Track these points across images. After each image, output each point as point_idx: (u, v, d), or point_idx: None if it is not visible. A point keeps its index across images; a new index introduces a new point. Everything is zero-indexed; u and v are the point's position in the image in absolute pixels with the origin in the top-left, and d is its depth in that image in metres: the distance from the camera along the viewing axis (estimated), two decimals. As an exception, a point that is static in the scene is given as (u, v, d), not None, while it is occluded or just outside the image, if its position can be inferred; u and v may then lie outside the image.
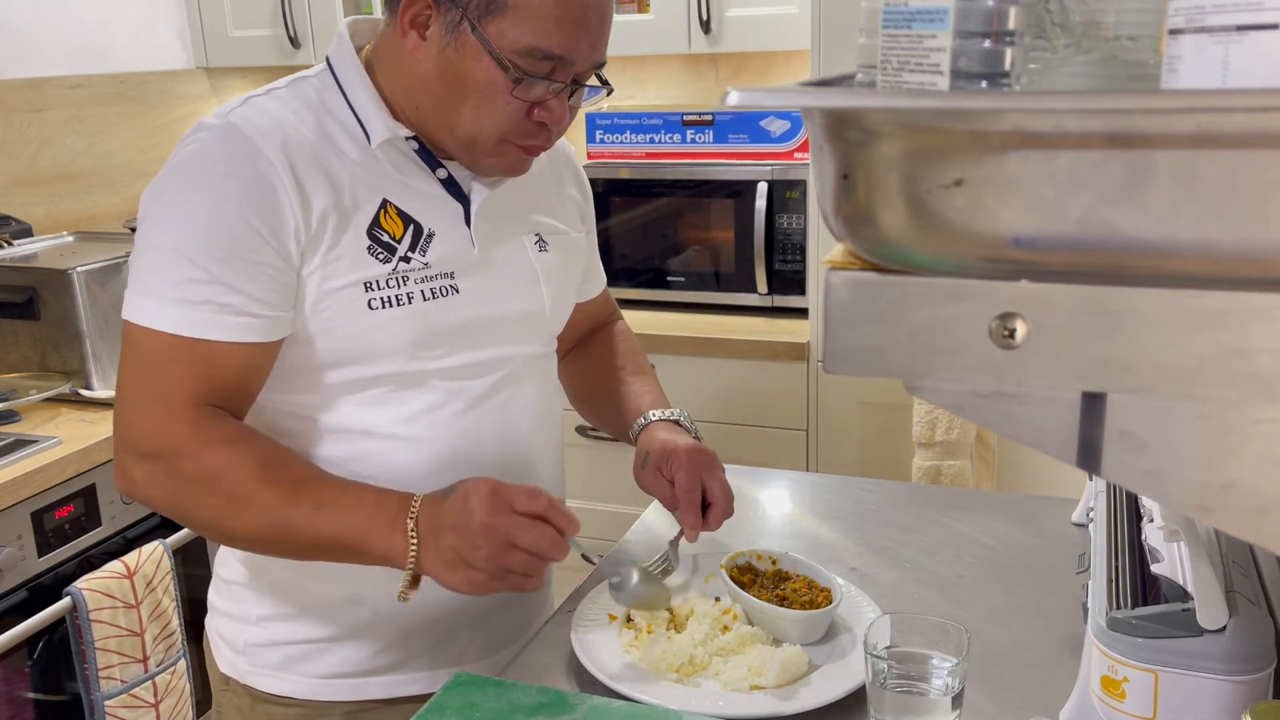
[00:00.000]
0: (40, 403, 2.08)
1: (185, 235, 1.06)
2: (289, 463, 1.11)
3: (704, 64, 2.92)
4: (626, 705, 1.06)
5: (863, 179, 0.55)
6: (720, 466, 1.28)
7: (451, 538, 1.03)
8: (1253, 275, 0.48)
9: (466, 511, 1.03)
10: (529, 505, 1.04)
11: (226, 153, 1.08)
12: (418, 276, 1.14)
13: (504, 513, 1.03)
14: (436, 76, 1.10)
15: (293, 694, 1.23)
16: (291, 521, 1.07)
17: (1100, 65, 0.56)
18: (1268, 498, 0.51)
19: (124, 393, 1.11)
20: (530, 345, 1.27)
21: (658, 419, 1.34)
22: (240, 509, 1.08)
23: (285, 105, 1.13)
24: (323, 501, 1.07)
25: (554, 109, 1.11)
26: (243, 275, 1.07)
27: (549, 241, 1.28)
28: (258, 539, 1.11)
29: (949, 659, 0.99)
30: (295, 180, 1.08)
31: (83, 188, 2.69)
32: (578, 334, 1.49)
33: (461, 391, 1.19)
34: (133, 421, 1.10)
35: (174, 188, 1.09)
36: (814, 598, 1.20)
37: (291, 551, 1.12)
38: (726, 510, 1.26)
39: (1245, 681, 0.83)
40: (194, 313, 1.06)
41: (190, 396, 1.08)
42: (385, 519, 1.06)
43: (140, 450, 1.10)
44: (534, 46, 1.06)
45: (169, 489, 1.11)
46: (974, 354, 0.54)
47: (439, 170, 1.18)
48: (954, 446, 2.22)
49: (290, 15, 2.87)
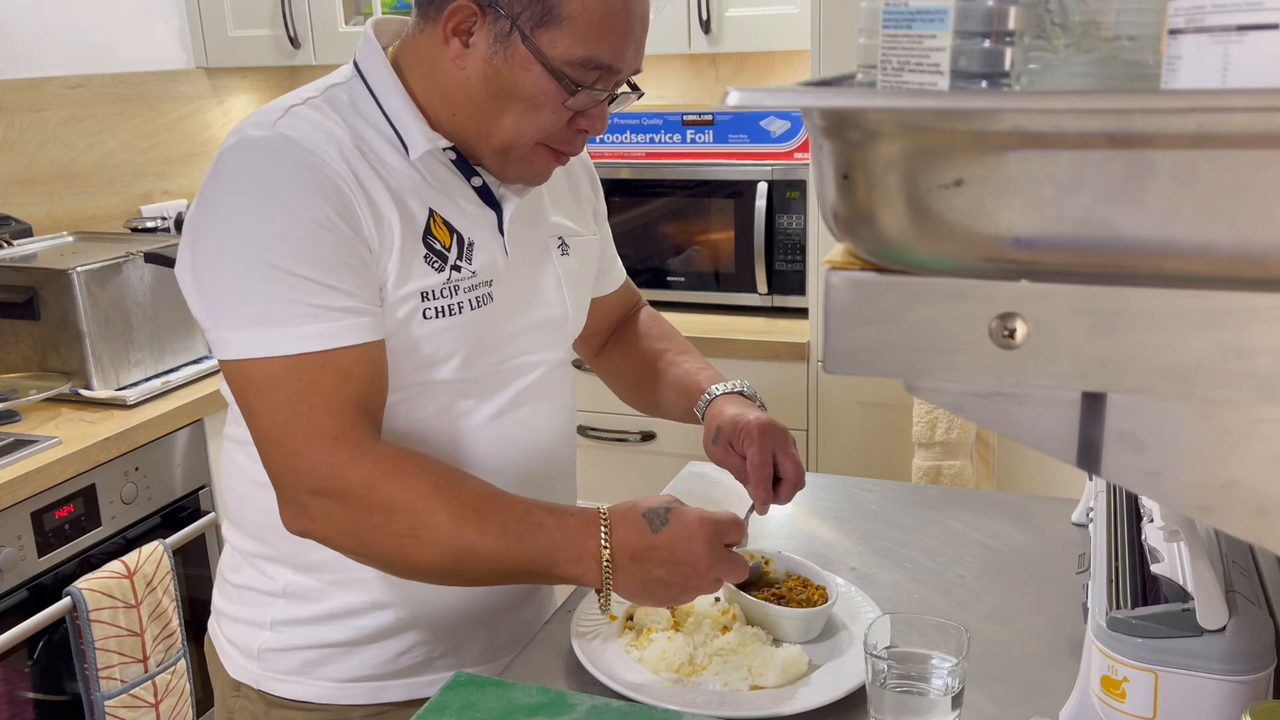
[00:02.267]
0: (40, 403, 2.08)
1: (276, 252, 1.02)
2: (462, 483, 1.08)
3: (704, 64, 2.92)
4: (626, 705, 1.06)
5: (863, 179, 0.55)
6: (792, 441, 1.28)
7: (664, 571, 1.07)
8: (1253, 275, 0.48)
9: (691, 555, 1.06)
10: (737, 537, 1.10)
11: (289, 163, 1.04)
12: (466, 285, 1.14)
13: (723, 553, 1.08)
14: (481, 85, 1.08)
15: (310, 698, 1.21)
16: (475, 548, 1.05)
17: (1100, 65, 0.56)
18: (1268, 498, 0.51)
19: (271, 436, 1.06)
20: (555, 351, 1.27)
21: (723, 392, 1.34)
22: (423, 538, 1.05)
23: (326, 115, 1.09)
24: (506, 526, 1.05)
25: (596, 117, 1.12)
26: (348, 277, 1.04)
27: (569, 245, 1.28)
28: (440, 568, 1.08)
29: (949, 659, 0.99)
30: (360, 187, 1.06)
31: (83, 188, 2.69)
32: (609, 326, 1.49)
33: (491, 398, 1.19)
34: (295, 463, 1.05)
35: (241, 207, 1.03)
36: (810, 596, 1.20)
37: (471, 579, 1.10)
38: (798, 483, 1.26)
39: (1245, 681, 0.83)
40: (317, 325, 1.03)
41: (344, 420, 1.04)
42: (574, 545, 1.06)
43: (312, 489, 1.05)
44: (587, 57, 1.05)
45: (350, 523, 1.06)
46: (974, 354, 0.54)
47: (474, 179, 1.16)
48: (954, 446, 2.22)
49: (290, 15, 2.87)
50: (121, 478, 2.01)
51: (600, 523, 1.07)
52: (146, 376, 2.20)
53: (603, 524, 1.06)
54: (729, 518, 1.10)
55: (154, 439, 2.06)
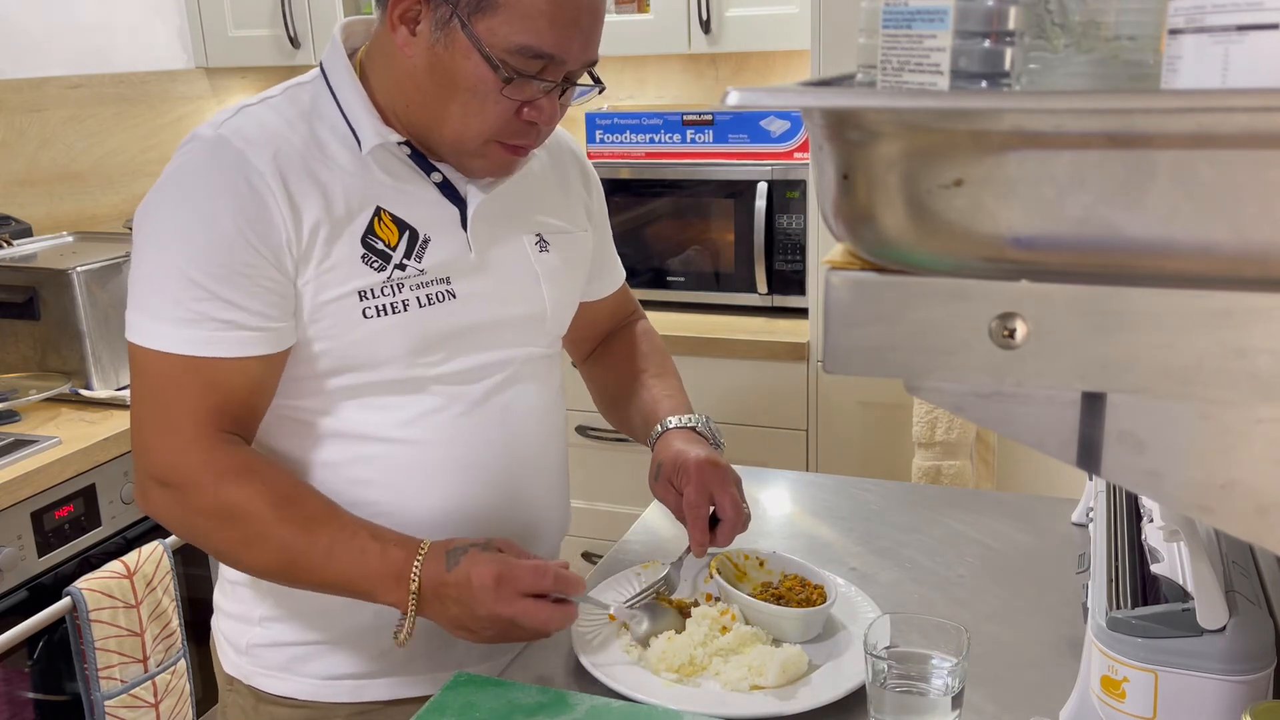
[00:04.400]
0: (40, 403, 2.08)
1: (181, 253, 1.06)
2: (302, 499, 1.11)
3: (704, 64, 2.92)
4: (626, 705, 1.06)
5: (863, 179, 0.55)
6: (733, 481, 1.25)
7: (456, 610, 1.07)
8: (1253, 275, 0.48)
9: (472, 599, 1.05)
10: (536, 586, 1.06)
11: (218, 167, 1.07)
12: (413, 283, 1.14)
13: (510, 600, 1.05)
14: (426, 73, 1.09)
15: (295, 695, 1.23)
16: (301, 564, 1.09)
17: (1100, 65, 0.55)
18: (1268, 498, 0.51)
19: (136, 418, 1.12)
20: (531, 347, 1.26)
21: (674, 426, 1.32)
22: (254, 545, 1.10)
23: (279, 114, 1.12)
24: (333, 547, 1.08)
25: (544, 108, 1.11)
26: (241, 290, 1.07)
27: (551, 241, 1.27)
28: (269, 573, 1.14)
29: (949, 659, 0.99)
30: (286, 192, 1.08)
31: (83, 188, 2.69)
32: (600, 333, 1.48)
33: (462, 395, 1.19)
34: (148, 448, 1.11)
35: (166, 204, 1.09)
36: (808, 595, 1.20)
37: (300, 587, 1.13)
38: (737, 526, 1.23)
39: (1245, 681, 0.83)
40: (195, 331, 1.06)
41: (201, 423, 1.09)
42: (391, 573, 1.08)
43: (156, 477, 1.11)
44: (525, 45, 1.05)
45: (184, 518, 1.12)
46: (974, 354, 0.54)
47: (433, 174, 1.17)
48: (954, 446, 2.22)
49: (290, 15, 2.87)
50: (121, 478, 2.00)
51: (417, 555, 1.08)
52: (146, 376, 2.20)
53: (418, 556, 1.08)
54: (532, 566, 1.06)
55: (154, 439, 2.05)
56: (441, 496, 1.19)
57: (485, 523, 1.21)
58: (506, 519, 1.23)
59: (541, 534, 1.30)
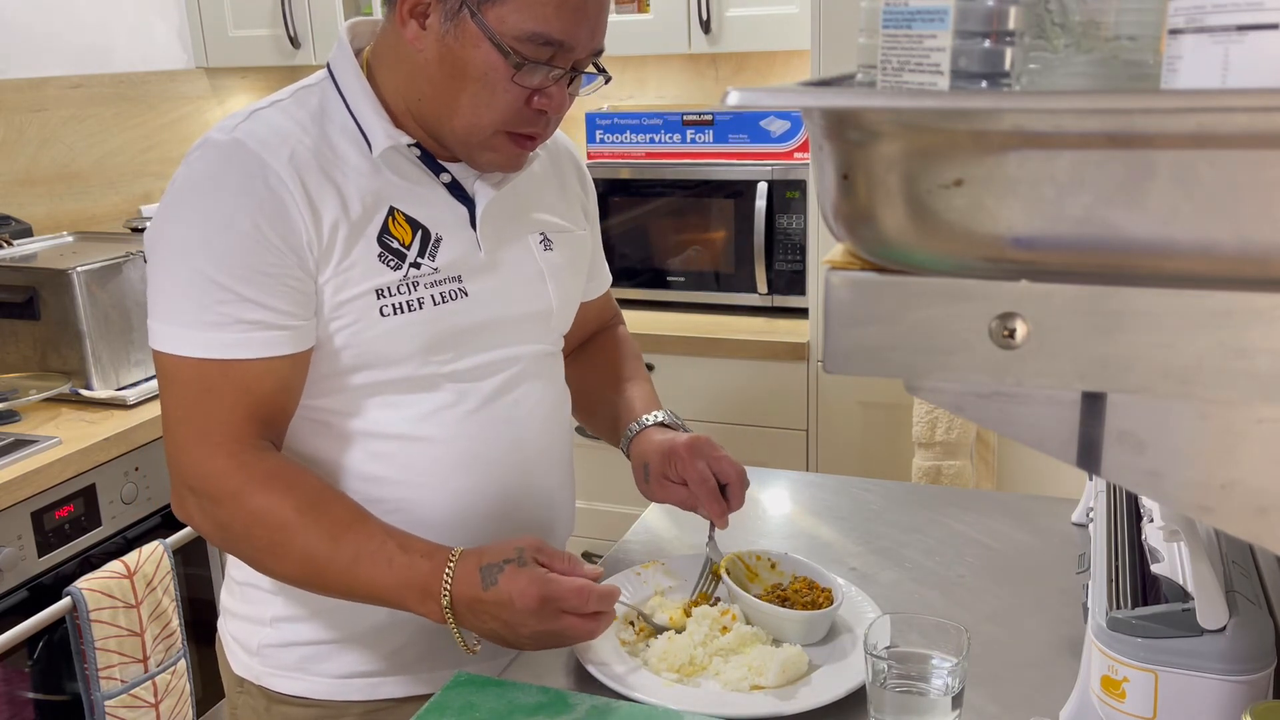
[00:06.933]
0: (40, 403, 2.08)
1: (203, 257, 1.06)
2: (329, 506, 1.10)
3: (704, 64, 2.92)
4: (626, 705, 1.06)
5: (863, 179, 0.55)
6: (719, 446, 1.28)
7: (494, 624, 1.07)
8: (1253, 275, 0.48)
9: (515, 619, 1.05)
10: (581, 608, 1.06)
11: (235, 169, 1.08)
12: (428, 281, 1.15)
13: (555, 618, 1.06)
14: (436, 65, 1.10)
15: (309, 694, 1.23)
16: (328, 572, 1.09)
17: (1100, 65, 0.55)
18: (1268, 498, 0.51)
19: (168, 426, 1.12)
20: (538, 344, 1.27)
21: (650, 424, 1.34)
22: (280, 553, 1.10)
23: (290, 117, 1.13)
24: (359, 556, 1.07)
25: (554, 96, 1.12)
26: (265, 290, 1.07)
27: (554, 240, 1.28)
28: (297, 581, 1.13)
29: (949, 659, 0.99)
30: (305, 193, 1.09)
31: (83, 188, 2.69)
32: (584, 335, 1.48)
33: (472, 391, 1.20)
34: (180, 457, 1.11)
35: (184, 209, 1.09)
36: (815, 598, 1.20)
37: (330, 595, 1.13)
38: (743, 482, 1.27)
39: (1245, 681, 0.82)
40: (222, 334, 1.07)
41: (231, 429, 1.09)
42: (419, 585, 1.07)
43: (189, 486, 1.11)
44: (534, 32, 1.06)
45: (217, 527, 1.12)
46: (974, 354, 0.54)
47: (442, 175, 1.18)
48: (954, 446, 2.22)
49: (290, 15, 2.87)
50: (121, 478, 2.01)
51: (446, 566, 1.07)
52: (147, 376, 2.20)
53: (448, 568, 1.07)
54: (575, 589, 1.05)
55: (154, 439, 2.05)
56: (453, 492, 1.19)
57: (496, 517, 1.22)
58: (517, 514, 1.24)
59: (551, 528, 1.31)
